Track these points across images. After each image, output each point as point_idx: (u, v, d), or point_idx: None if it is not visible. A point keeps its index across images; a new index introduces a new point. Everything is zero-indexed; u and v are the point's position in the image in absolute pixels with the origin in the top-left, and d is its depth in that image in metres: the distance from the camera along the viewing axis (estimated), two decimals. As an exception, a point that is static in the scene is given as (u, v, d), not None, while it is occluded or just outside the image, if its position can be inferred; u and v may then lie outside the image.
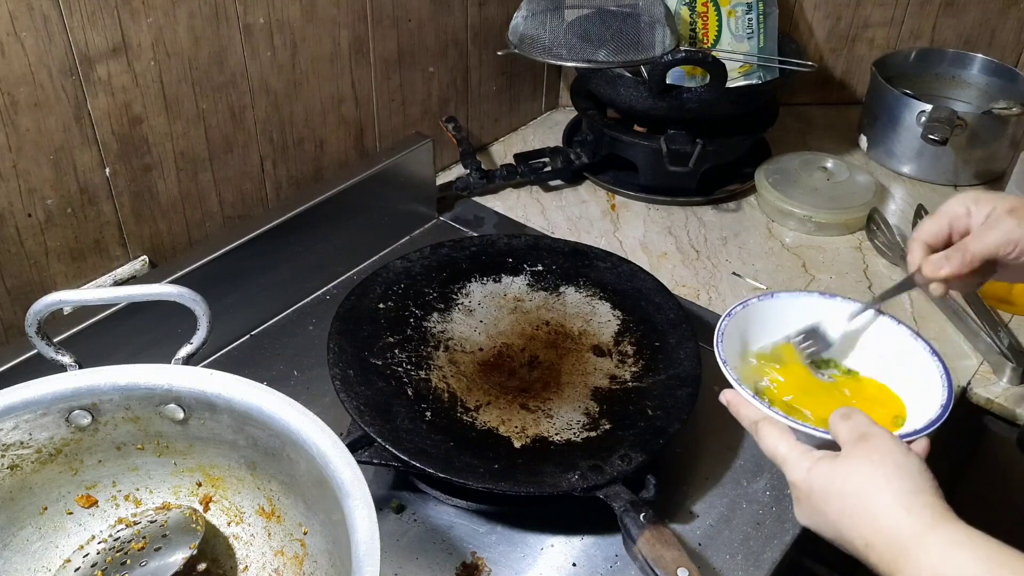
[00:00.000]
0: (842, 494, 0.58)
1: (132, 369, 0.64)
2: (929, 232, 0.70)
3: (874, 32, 1.35)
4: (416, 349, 0.86)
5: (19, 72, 0.73)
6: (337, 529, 0.56)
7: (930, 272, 0.68)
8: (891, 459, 0.58)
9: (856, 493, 0.58)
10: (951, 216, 0.69)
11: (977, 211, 0.68)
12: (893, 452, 0.58)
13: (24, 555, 0.65)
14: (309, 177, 1.04)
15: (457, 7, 1.11)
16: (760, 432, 0.65)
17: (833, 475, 0.59)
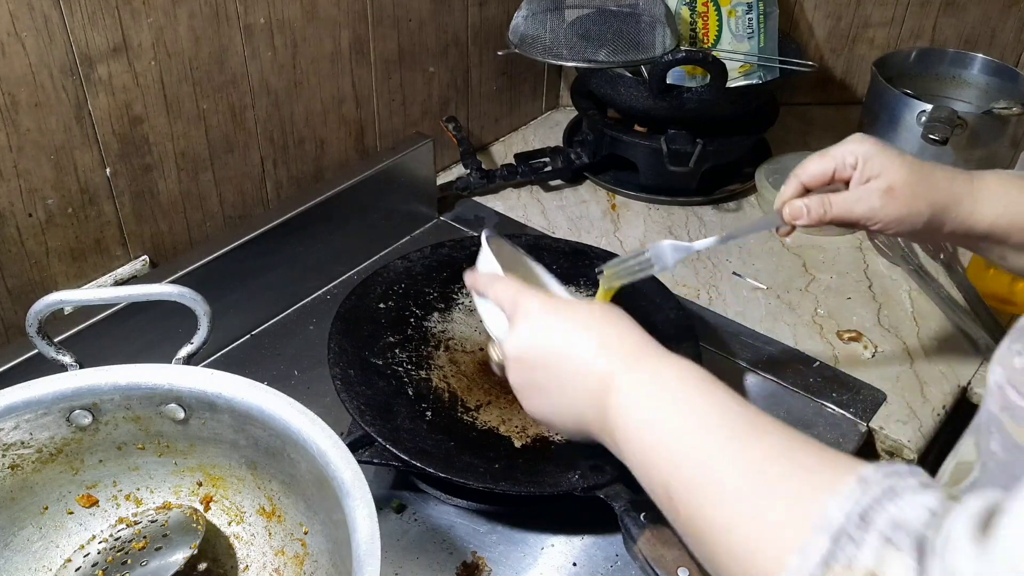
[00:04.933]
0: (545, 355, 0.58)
1: (133, 369, 0.64)
2: (810, 174, 0.72)
3: (874, 32, 1.35)
4: (417, 349, 0.86)
5: (20, 72, 0.74)
6: (338, 529, 0.56)
7: (788, 216, 0.72)
8: (578, 314, 0.58)
9: (556, 354, 0.57)
10: (838, 163, 0.71)
11: (863, 169, 0.70)
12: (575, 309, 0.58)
13: (25, 555, 0.65)
14: (309, 177, 1.04)
15: (457, 7, 1.11)
16: (493, 289, 0.64)
17: (533, 332, 0.59)
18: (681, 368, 0.53)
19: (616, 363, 0.54)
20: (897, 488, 0.38)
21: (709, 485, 0.45)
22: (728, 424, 0.48)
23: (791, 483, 0.42)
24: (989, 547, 0.32)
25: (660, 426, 0.50)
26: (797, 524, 0.39)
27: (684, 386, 0.51)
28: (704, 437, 0.48)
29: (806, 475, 0.42)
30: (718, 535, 0.44)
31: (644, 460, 0.51)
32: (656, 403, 0.51)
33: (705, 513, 0.45)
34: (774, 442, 0.45)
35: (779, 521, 0.41)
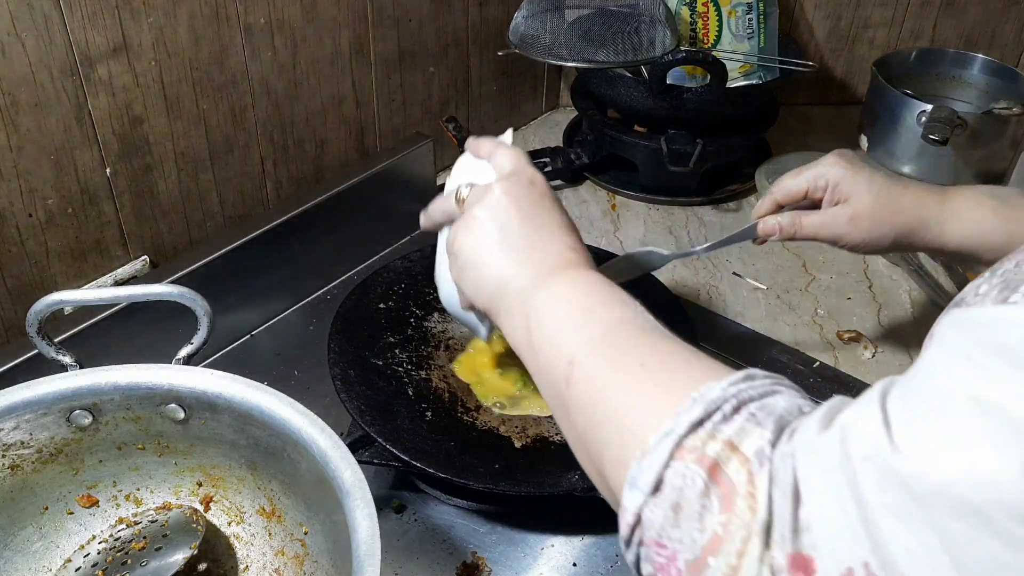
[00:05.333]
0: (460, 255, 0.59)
1: (133, 369, 0.64)
2: (784, 192, 0.78)
3: (874, 32, 1.35)
4: (417, 349, 0.86)
5: (20, 72, 0.74)
6: (338, 529, 0.56)
7: (762, 231, 0.78)
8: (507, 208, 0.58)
9: (471, 257, 0.59)
10: (811, 184, 0.76)
11: (832, 192, 0.74)
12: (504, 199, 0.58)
13: (25, 555, 0.65)
14: (310, 177, 1.04)
15: (458, 7, 1.11)
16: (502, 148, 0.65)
17: (455, 232, 0.60)
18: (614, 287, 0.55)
19: (570, 261, 0.56)
20: (779, 389, 0.41)
21: (609, 370, 0.47)
22: (643, 325, 0.50)
23: (685, 372, 0.44)
24: (828, 429, 0.36)
25: (578, 317, 0.52)
26: (679, 400, 0.41)
27: (612, 291, 0.54)
28: (617, 330, 0.50)
29: (699, 368, 0.45)
30: (607, 419, 0.45)
31: (549, 351, 0.51)
32: (583, 304, 0.53)
33: (600, 392, 0.46)
34: (681, 348, 0.47)
35: (664, 399, 0.43)
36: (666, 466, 0.39)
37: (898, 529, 0.31)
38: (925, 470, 0.31)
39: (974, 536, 0.30)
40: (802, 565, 0.33)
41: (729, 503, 0.36)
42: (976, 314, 0.34)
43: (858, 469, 0.33)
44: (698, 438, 0.39)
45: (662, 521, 0.38)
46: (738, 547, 0.35)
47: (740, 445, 0.38)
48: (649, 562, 0.39)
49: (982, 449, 0.30)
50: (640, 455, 0.40)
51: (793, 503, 0.34)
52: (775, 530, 0.35)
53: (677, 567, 0.38)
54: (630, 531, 0.40)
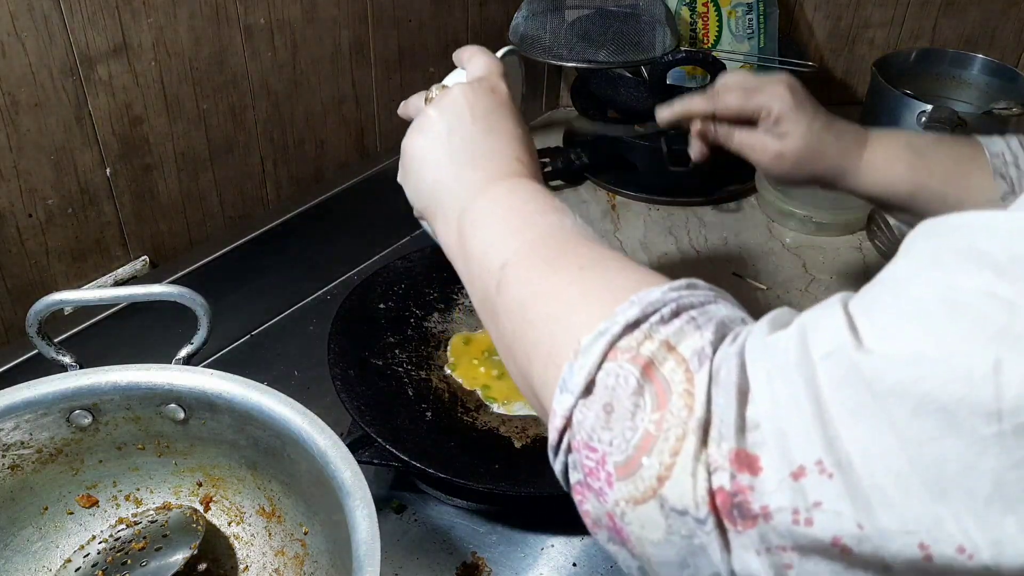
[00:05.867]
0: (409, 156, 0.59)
1: (133, 369, 0.64)
2: (727, 108, 0.77)
3: (874, 32, 1.35)
4: (417, 349, 0.86)
5: (20, 72, 0.74)
6: (337, 529, 0.56)
7: (696, 131, 0.80)
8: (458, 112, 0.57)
9: (415, 155, 0.58)
10: (757, 111, 0.75)
11: (773, 124, 0.74)
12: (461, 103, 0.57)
13: (25, 555, 0.65)
14: (310, 177, 1.04)
15: (458, 7, 1.11)
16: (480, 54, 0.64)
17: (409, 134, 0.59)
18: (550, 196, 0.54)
19: (514, 171, 0.55)
20: (720, 300, 0.41)
21: (543, 274, 0.46)
22: (583, 233, 0.49)
23: (624, 276, 0.43)
24: (785, 329, 0.35)
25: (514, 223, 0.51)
26: (617, 303, 0.40)
27: (553, 201, 0.52)
28: (555, 236, 0.48)
29: (639, 274, 0.44)
30: (538, 321, 0.44)
31: (482, 257, 0.51)
32: (520, 210, 0.52)
33: (532, 296, 0.45)
34: (620, 256, 0.46)
35: (600, 301, 0.41)
36: (599, 367, 0.37)
37: (855, 427, 0.31)
38: (889, 367, 0.30)
39: (936, 435, 0.29)
40: (746, 462, 0.32)
41: (663, 401, 0.35)
42: (952, 221, 0.33)
43: (818, 367, 0.32)
44: (633, 338, 0.37)
45: (593, 422, 0.37)
46: (672, 445, 0.34)
47: (677, 346, 0.37)
48: (577, 468, 0.38)
49: (954, 346, 0.30)
50: (573, 356, 0.39)
51: (738, 402, 0.33)
52: (713, 428, 0.34)
53: (607, 470, 0.36)
54: (559, 436, 0.39)
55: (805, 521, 0.31)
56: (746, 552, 0.33)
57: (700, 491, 0.33)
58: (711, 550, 0.33)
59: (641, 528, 0.35)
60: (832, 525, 0.31)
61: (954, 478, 0.29)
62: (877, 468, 0.30)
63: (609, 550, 0.39)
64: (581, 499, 0.39)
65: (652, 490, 0.34)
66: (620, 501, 0.36)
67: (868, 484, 0.30)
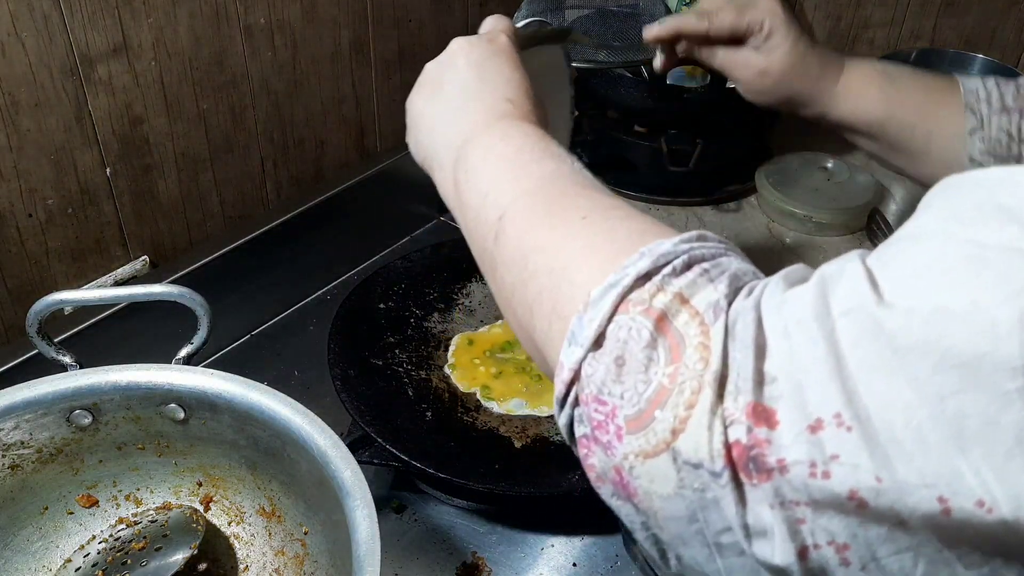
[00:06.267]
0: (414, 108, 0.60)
1: (133, 369, 0.64)
2: (726, 29, 0.75)
3: (874, 32, 1.35)
4: (417, 349, 0.86)
5: (20, 72, 0.74)
6: (337, 529, 0.56)
7: (681, 50, 0.80)
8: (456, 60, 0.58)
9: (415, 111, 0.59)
10: (749, 26, 0.74)
11: (763, 40, 0.74)
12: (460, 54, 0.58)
13: (25, 555, 0.65)
14: (310, 177, 1.04)
15: (458, 7, 1.11)
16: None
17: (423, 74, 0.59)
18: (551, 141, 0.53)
19: (505, 112, 0.55)
20: (731, 252, 0.40)
21: (544, 224, 0.45)
22: (581, 180, 0.48)
23: (628, 226, 0.42)
24: (803, 283, 0.35)
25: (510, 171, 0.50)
26: (624, 254, 0.39)
27: (548, 145, 0.52)
28: (553, 184, 0.48)
29: (643, 223, 0.43)
30: (540, 272, 0.43)
31: (479, 206, 0.50)
32: (515, 157, 0.51)
33: (534, 246, 0.44)
34: (623, 204, 0.46)
35: (606, 252, 0.41)
36: (609, 319, 0.37)
37: (875, 381, 0.30)
38: (911, 322, 0.30)
39: (958, 389, 0.29)
40: (763, 415, 0.32)
41: (677, 354, 0.34)
42: (974, 175, 0.33)
43: (837, 322, 0.32)
44: (645, 291, 0.37)
45: (603, 375, 0.36)
46: (687, 398, 0.33)
47: (691, 298, 0.36)
48: (584, 422, 0.38)
49: (978, 301, 0.29)
50: (582, 309, 0.38)
51: (755, 355, 0.33)
52: (729, 381, 0.33)
53: (616, 423, 0.36)
54: (566, 389, 0.38)
55: (822, 474, 0.31)
56: (760, 506, 0.32)
57: (716, 444, 0.33)
58: (724, 504, 0.33)
59: (650, 482, 0.35)
60: (849, 478, 0.30)
61: (975, 432, 0.29)
62: (897, 421, 0.30)
63: (612, 504, 0.38)
64: (587, 452, 0.38)
65: (665, 443, 0.34)
66: (630, 455, 0.35)
67: (887, 437, 0.30)
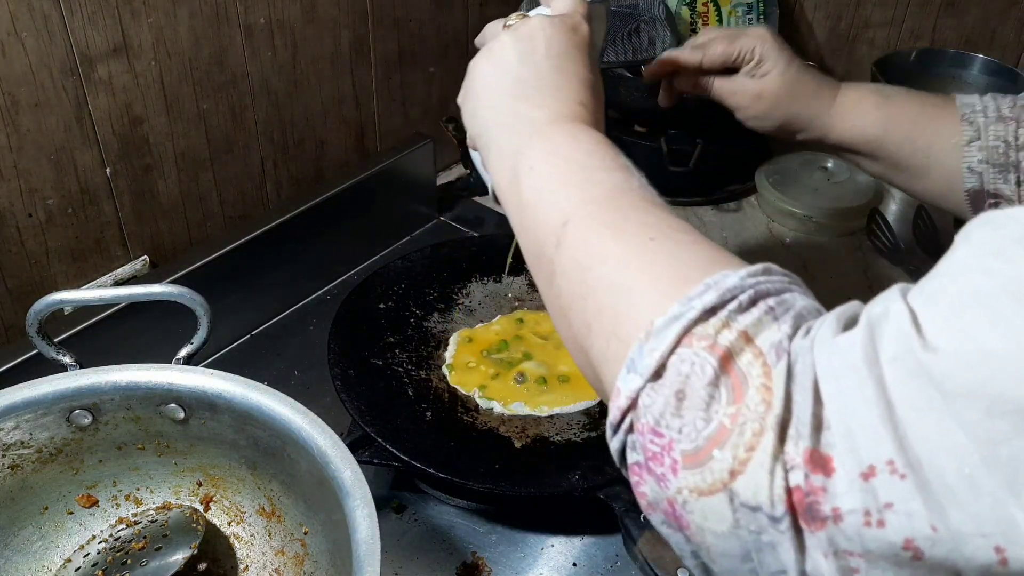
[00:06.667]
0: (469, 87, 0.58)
1: (133, 369, 0.64)
2: (713, 59, 0.77)
3: (874, 32, 1.35)
4: (417, 349, 0.86)
5: (20, 72, 0.74)
6: (337, 529, 0.56)
7: (679, 86, 0.81)
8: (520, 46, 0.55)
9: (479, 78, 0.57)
10: (742, 52, 0.76)
11: (755, 66, 0.75)
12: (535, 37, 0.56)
13: (25, 555, 0.65)
14: (310, 177, 1.04)
15: (458, 7, 1.11)
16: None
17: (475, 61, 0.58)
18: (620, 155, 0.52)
19: (576, 114, 0.54)
20: (795, 287, 0.39)
21: (611, 238, 0.44)
22: (649, 197, 0.47)
23: (695, 253, 0.42)
24: (853, 328, 0.34)
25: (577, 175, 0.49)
26: (689, 283, 0.38)
27: (617, 155, 0.51)
28: (621, 197, 0.47)
29: (709, 251, 0.42)
30: (601, 289, 0.42)
31: (540, 206, 0.48)
32: (583, 161, 0.50)
33: (598, 261, 0.44)
34: (690, 228, 0.45)
35: (671, 279, 0.40)
36: (672, 351, 0.36)
37: (925, 427, 0.30)
38: (958, 366, 0.30)
39: (1011, 435, 0.28)
40: (820, 463, 0.32)
41: (740, 394, 0.34)
42: (1012, 212, 0.33)
43: (885, 367, 0.31)
44: (711, 326, 0.36)
45: (662, 407, 0.36)
46: (748, 440, 0.33)
47: (756, 337, 0.35)
48: (638, 450, 0.38)
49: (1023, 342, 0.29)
50: (644, 337, 0.37)
51: (814, 400, 0.33)
52: (791, 426, 0.33)
53: (672, 456, 0.35)
54: (621, 415, 0.38)
55: (877, 523, 0.30)
56: (816, 553, 0.32)
57: (777, 489, 0.33)
58: (782, 549, 0.33)
59: (704, 519, 0.35)
60: (904, 526, 0.30)
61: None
62: (949, 468, 0.29)
63: (662, 531, 0.38)
64: (638, 480, 0.38)
65: (722, 483, 0.34)
66: (684, 489, 0.35)
67: (940, 484, 0.29)
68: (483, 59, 0.57)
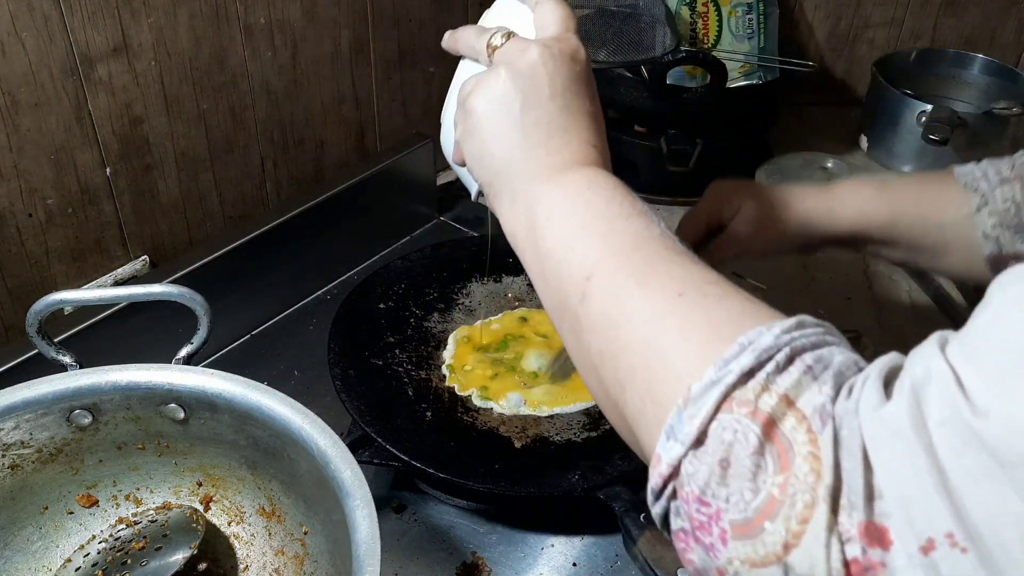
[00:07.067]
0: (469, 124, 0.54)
1: (133, 369, 0.64)
2: (692, 232, 0.76)
3: (874, 32, 1.35)
4: (417, 349, 0.86)
5: (20, 72, 0.74)
6: (337, 529, 0.56)
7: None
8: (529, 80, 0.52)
9: (481, 121, 0.53)
10: (708, 214, 0.75)
11: (728, 209, 0.74)
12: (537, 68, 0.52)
13: (25, 555, 0.65)
14: (310, 177, 1.04)
15: (458, 7, 1.11)
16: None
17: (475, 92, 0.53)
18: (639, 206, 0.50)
19: (588, 157, 0.52)
20: (830, 339, 0.38)
21: (639, 295, 0.43)
22: (673, 246, 0.46)
23: (726, 308, 0.41)
24: (897, 392, 0.33)
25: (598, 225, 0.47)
26: (722, 341, 0.37)
27: (635, 201, 0.49)
28: (644, 248, 0.45)
29: (740, 304, 0.41)
30: (632, 347, 0.42)
31: (561, 258, 0.47)
32: (602, 210, 0.48)
33: (627, 319, 0.43)
34: (718, 278, 0.44)
35: (704, 338, 0.39)
36: (712, 417, 0.36)
37: (983, 496, 0.29)
38: (1012, 434, 0.29)
39: None
40: (876, 535, 0.31)
41: (786, 462, 0.34)
42: None
43: (934, 433, 0.31)
44: (750, 390, 0.35)
45: (706, 476, 0.35)
46: (800, 512, 0.33)
47: (797, 400, 0.35)
48: (684, 517, 0.37)
49: None
50: (682, 403, 0.37)
51: (864, 467, 0.32)
52: (843, 495, 0.32)
53: (720, 526, 0.35)
54: (663, 482, 0.37)
55: None
56: None
57: (835, 563, 0.32)
58: None
59: None
60: None
61: None
62: (1011, 538, 0.29)
63: None
64: (684, 547, 0.38)
65: (776, 556, 0.33)
66: (735, 560, 0.35)
67: (1003, 557, 0.29)
68: (481, 98, 0.53)
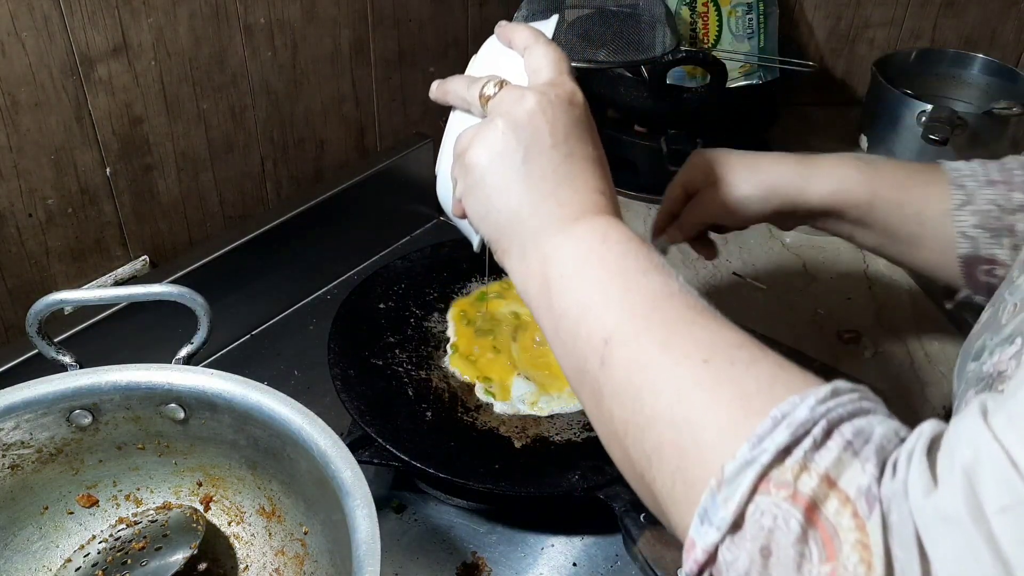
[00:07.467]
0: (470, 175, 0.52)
1: (133, 369, 0.64)
2: (670, 201, 0.76)
3: (874, 32, 1.35)
4: (417, 349, 0.86)
5: (20, 72, 0.74)
6: (338, 529, 0.56)
7: (670, 240, 0.77)
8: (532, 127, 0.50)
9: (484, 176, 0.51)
10: (686, 183, 0.75)
11: (706, 179, 0.73)
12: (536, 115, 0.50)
13: (25, 555, 0.65)
14: (310, 177, 1.04)
15: (458, 7, 1.11)
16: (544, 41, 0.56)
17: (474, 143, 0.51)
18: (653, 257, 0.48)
19: (597, 206, 0.50)
20: (867, 406, 0.37)
21: (663, 362, 0.41)
22: (693, 304, 0.44)
23: (755, 376, 0.39)
24: (948, 477, 0.32)
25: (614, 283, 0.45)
26: (754, 414, 0.36)
27: (650, 253, 0.47)
28: (665, 308, 0.43)
29: (770, 368, 0.39)
30: (659, 421, 0.40)
31: (578, 319, 0.45)
32: (617, 265, 0.46)
33: (650, 387, 0.41)
34: (743, 339, 0.42)
35: (735, 412, 0.37)
36: (748, 500, 0.34)
37: None
38: None
39: None
40: None
41: (832, 551, 0.32)
42: None
43: (994, 523, 0.29)
44: (787, 470, 0.34)
45: (747, 566, 0.34)
46: None
47: (838, 480, 0.33)
48: None
49: None
50: (715, 485, 0.35)
51: (920, 558, 0.30)
52: None
53: None
54: (699, 569, 0.36)
55: None
56: None
57: None
58: None
59: None
60: None
61: None
62: None
63: None
64: None
65: None
66: None
67: None
68: (481, 152, 0.51)
